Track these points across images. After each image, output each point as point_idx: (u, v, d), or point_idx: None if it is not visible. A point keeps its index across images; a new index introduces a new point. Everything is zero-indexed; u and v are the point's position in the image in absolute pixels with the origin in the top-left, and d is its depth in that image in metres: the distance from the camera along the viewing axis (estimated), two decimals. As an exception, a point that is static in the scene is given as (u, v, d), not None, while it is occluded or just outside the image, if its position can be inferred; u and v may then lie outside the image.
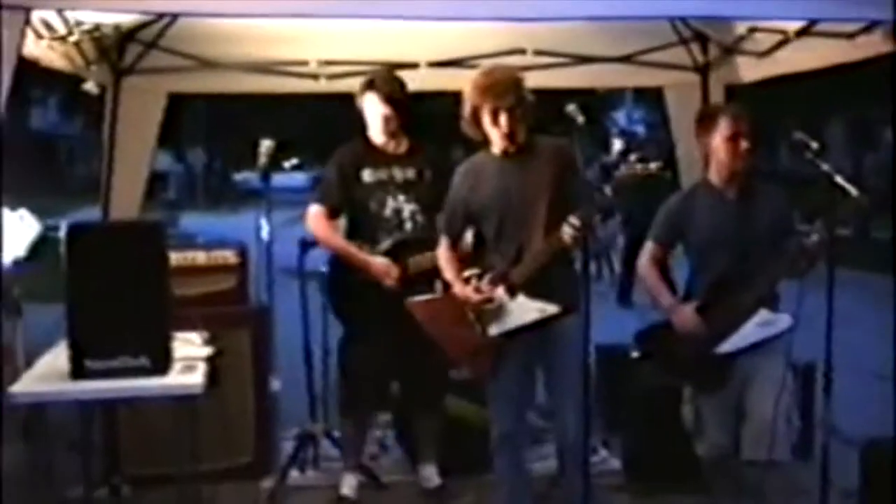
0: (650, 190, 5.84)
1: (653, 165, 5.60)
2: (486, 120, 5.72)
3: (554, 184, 5.64)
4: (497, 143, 5.80)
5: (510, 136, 5.72)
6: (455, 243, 6.08)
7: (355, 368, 6.79)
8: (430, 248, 6.38)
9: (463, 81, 7.67)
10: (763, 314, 5.74)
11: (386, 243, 6.67)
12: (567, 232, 5.39)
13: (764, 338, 5.74)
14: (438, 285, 7.63)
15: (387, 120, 6.68)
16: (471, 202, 5.90)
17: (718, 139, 5.89)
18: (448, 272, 6.08)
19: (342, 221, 6.85)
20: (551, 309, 5.59)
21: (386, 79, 6.79)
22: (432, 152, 6.95)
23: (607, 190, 5.53)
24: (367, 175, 6.73)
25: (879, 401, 8.12)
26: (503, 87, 5.66)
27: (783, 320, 5.71)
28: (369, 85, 6.72)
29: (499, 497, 6.16)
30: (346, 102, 6.89)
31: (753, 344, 5.77)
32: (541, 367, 5.91)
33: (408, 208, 6.73)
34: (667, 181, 5.87)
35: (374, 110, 6.69)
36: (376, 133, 6.75)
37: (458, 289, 5.94)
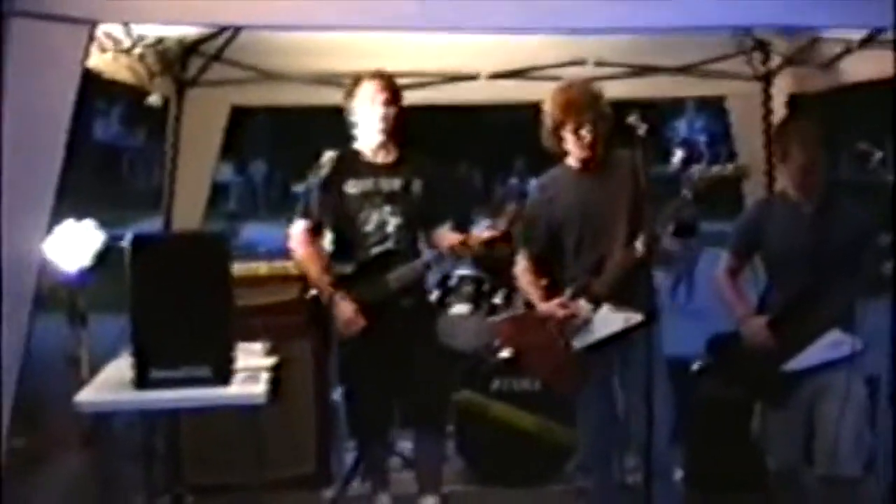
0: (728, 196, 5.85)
1: (730, 167, 5.59)
2: (568, 135, 5.74)
3: (632, 195, 5.64)
4: (577, 158, 5.83)
5: (591, 151, 5.74)
6: (536, 258, 6.08)
7: (352, 396, 6.61)
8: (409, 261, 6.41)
9: (523, 92, 7.72)
10: (835, 334, 5.68)
11: (363, 257, 6.49)
12: (637, 246, 5.41)
13: (832, 359, 5.69)
14: (520, 300, 7.66)
15: (386, 118, 6.43)
16: (551, 215, 5.93)
17: (793, 167, 5.85)
18: (529, 288, 6.10)
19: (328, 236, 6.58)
20: (636, 318, 5.58)
21: (384, 76, 6.55)
22: (423, 161, 6.69)
23: (686, 194, 5.51)
24: (352, 186, 6.49)
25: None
26: (584, 103, 5.71)
27: (854, 343, 5.65)
28: (365, 81, 6.49)
29: None
30: (408, 113, 6.80)
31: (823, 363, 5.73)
32: (619, 378, 5.92)
33: (393, 221, 6.48)
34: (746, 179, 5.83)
35: (371, 109, 6.42)
36: (372, 134, 6.47)
37: (544, 306, 5.95)
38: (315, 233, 6.54)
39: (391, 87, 6.50)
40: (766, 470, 6.11)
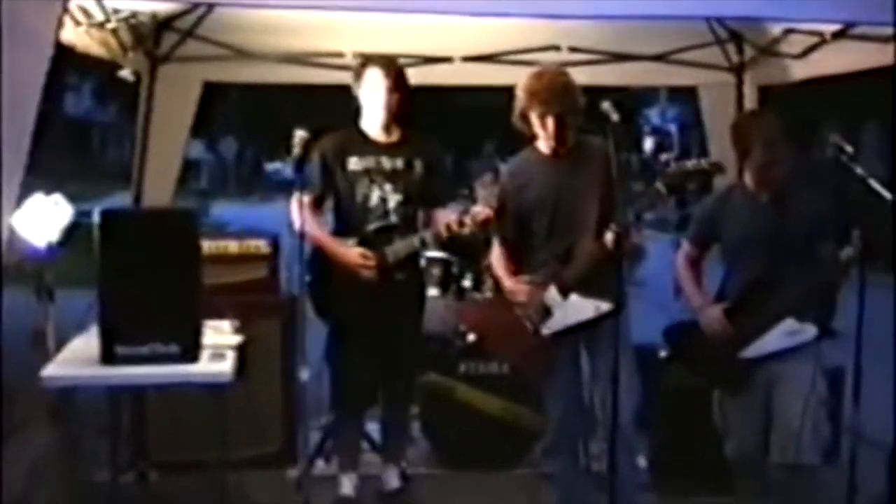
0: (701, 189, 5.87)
1: (704, 161, 5.61)
2: (538, 121, 5.75)
3: (603, 183, 5.65)
4: (548, 144, 5.84)
5: (557, 140, 5.75)
6: (506, 241, 6.10)
7: (341, 367, 6.69)
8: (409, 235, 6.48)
9: (497, 76, 7.72)
10: (790, 323, 5.73)
11: (364, 231, 6.55)
12: (608, 237, 5.42)
13: (788, 346, 5.73)
14: (488, 283, 7.67)
15: (389, 104, 6.52)
16: (522, 201, 5.94)
17: (752, 165, 5.87)
18: (500, 270, 6.13)
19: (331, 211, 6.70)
20: (605, 306, 5.59)
21: (392, 62, 6.66)
22: (426, 142, 6.80)
23: (661, 188, 5.53)
24: (353, 163, 6.58)
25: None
26: (552, 93, 5.71)
27: (809, 331, 5.70)
28: (372, 65, 6.56)
29: (555, 495, 6.28)
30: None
31: (778, 351, 5.77)
32: (586, 364, 5.94)
33: (394, 198, 6.57)
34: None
35: (376, 94, 6.51)
36: (376, 117, 6.57)
37: (510, 285, 5.97)
38: (317, 206, 6.66)
39: (397, 73, 6.58)
40: (727, 457, 6.13)
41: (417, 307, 6.92)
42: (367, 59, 6.67)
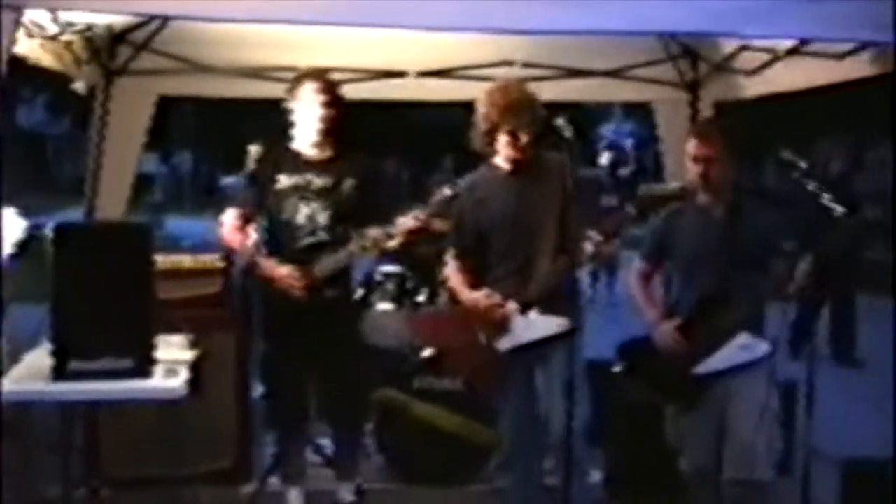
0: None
1: (674, 185, 5.64)
2: (503, 137, 5.75)
3: (560, 198, 5.67)
4: (508, 159, 5.85)
5: (524, 153, 5.76)
6: (462, 256, 6.09)
7: (274, 386, 6.64)
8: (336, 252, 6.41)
9: (451, 92, 7.73)
10: (743, 338, 5.74)
11: (292, 249, 6.48)
12: (588, 248, 5.42)
13: (741, 362, 5.76)
14: (443, 298, 7.65)
15: (325, 120, 6.45)
16: (480, 216, 5.94)
17: (689, 160, 5.92)
18: (457, 285, 6.11)
19: (261, 229, 6.55)
20: (566, 325, 5.59)
21: (326, 78, 6.58)
22: (358, 159, 6.69)
23: (631, 210, 5.56)
24: (283, 180, 6.50)
25: (861, 421, 8.16)
26: (522, 106, 5.72)
27: (762, 346, 5.73)
28: (308, 80, 6.50)
29: None
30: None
31: (731, 367, 5.80)
32: (539, 380, 5.94)
33: (323, 216, 6.49)
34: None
35: (311, 109, 6.45)
36: (309, 134, 6.50)
37: (470, 298, 5.96)
38: (246, 222, 6.53)
39: (332, 88, 6.51)
40: (681, 472, 6.15)
41: (351, 322, 6.86)
42: (301, 75, 6.59)
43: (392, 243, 6.32)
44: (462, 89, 8.15)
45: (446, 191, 6.17)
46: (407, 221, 6.22)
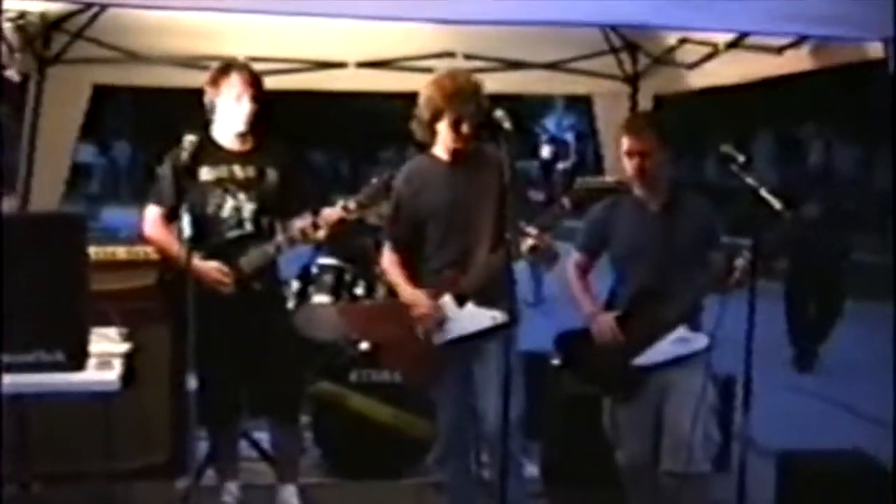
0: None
1: (611, 179, 5.64)
2: (445, 125, 5.72)
3: (498, 190, 5.64)
4: (449, 149, 5.81)
5: (466, 143, 5.73)
6: (399, 247, 6.05)
7: (203, 378, 6.37)
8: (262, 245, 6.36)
9: (392, 82, 7.70)
10: (681, 331, 5.78)
11: (218, 242, 6.38)
12: (528, 241, 5.41)
13: (679, 355, 5.77)
14: (381, 291, 7.60)
15: (250, 113, 6.33)
16: (417, 207, 5.90)
17: (623, 155, 5.93)
18: (394, 276, 6.08)
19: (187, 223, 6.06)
20: (501, 318, 5.57)
21: (252, 70, 6.44)
22: (279, 150, 6.59)
23: (566, 202, 5.55)
24: (205, 173, 6.37)
25: (795, 414, 8.21)
26: (468, 94, 5.69)
27: (700, 339, 5.76)
28: (234, 71, 6.35)
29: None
30: (274, 100, 6.69)
31: (669, 359, 5.81)
32: (477, 370, 5.91)
33: (248, 207, 6.39)
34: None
35: (236, 103, 6.31)
36: (235, 126, 6.37)
37: (408, 293, 5.92)
38: (170, 219, 6.42)
39: (256, 81, 6.39)
40: (618, 465, 6.16)
41: (279, 316, 6.79)
42: (225, 66, 6.43)
43: (319, 234, 6.27)
44: (403, 80, 8.13)
45: (374, 180, 6.13)
46: (333, 212, 6.17)
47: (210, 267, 6.30)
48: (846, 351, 12.23)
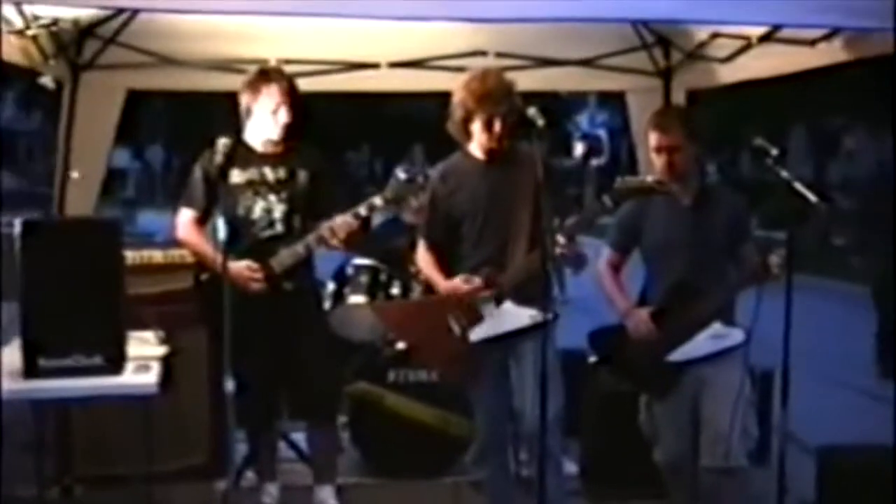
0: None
1: (650, 178, 5.63)
2: (478, 125, 5.73)
3: (534, 189, 5.64)
4: (483, 149, 5.83)
5: (500, 143, 5.74)
6: (434, 246, 6.06)
7: (239, 379, 6.54)
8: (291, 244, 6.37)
9: (424, 82, 7.69)
10: (716, 327, 5.75)
11: (249, 244, 6.42)
12: (560, 244, 5.41)
13: (715, 351, 5.75)
14: (417, 291, 7.60)
15: (286, 123, 6.37)
16: (453, 206, 5.91)
17: (652, 151, 5.92)
18: (430, 273, 6.08)
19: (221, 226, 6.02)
20: (540, 317, 5.55)
21: (287, 78, 6.48)
22: (309, 153, 6.63)
23: (607, 201, 5.55)
24: (236, 175, 6.41)
25: (837, 408, 8.16)
26: (500, 94, 5.70)
27: (736, 335, 5.73)
28: (272, 80, 6.39)
29: (485, 502, 6.31)
30: (308, 101, 6.71)
31: (705, 355, 5.79)
32: (514, 367, 5.91)
33: (279, 209, 6.44)
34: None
35: (272, 113, 6.36)
36: (270, 132, 6.41)
37: (446, 285, 5.92)
38: (202, 222, 6.52)
39: (293, 90, 6.43)
40: (656, 462, 6.14)
41: (313, 315, 6.78)
42: (265, 72, 6.51)
43: (334, 242, 6.27)
44: (435, 80, 8.12)
45: (400, 174, 6.13)
46: (343, 223, 6.18)
47: (240, 266, 6.32)
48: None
